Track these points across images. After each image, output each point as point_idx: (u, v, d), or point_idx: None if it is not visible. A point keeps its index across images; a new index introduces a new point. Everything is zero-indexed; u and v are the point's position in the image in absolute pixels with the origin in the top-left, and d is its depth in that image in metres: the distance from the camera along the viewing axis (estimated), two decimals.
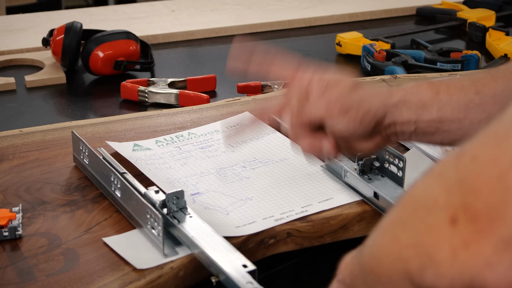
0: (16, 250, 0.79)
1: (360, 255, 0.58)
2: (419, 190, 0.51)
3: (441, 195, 0.47)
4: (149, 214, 0.78)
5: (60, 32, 1.32)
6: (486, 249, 0.44)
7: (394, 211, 0.54)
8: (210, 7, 1.71)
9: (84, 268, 0.76)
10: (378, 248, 0.53)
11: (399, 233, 0.51)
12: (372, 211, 0.87)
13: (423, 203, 0.49)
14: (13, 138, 1.02)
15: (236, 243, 0.80)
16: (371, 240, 0.55)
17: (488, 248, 0.44)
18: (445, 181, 0.48)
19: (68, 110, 1.25)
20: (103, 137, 1.02)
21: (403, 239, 0.50)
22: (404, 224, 0.51)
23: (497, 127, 0.46)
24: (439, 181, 0.49)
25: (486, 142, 0.46)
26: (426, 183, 0.50)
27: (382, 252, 0.53)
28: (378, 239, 0.54)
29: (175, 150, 0.99)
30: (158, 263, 0.76)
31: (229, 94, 1.27)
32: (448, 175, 0.48)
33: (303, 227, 0.84)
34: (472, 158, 0.46)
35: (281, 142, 1.01)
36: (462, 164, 0.47)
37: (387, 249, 0.52)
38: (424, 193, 0.50)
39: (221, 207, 0.86)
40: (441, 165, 0.50)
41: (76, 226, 0.83)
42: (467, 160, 0.47)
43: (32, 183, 0.92)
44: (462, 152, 0.48)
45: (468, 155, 0.47)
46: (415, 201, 0.51)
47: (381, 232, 0.54)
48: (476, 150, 0.47)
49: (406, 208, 0.52)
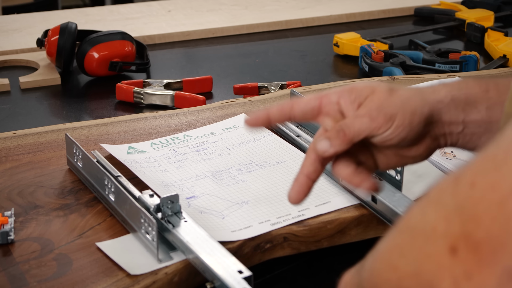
0: (8, 255, 0.78)
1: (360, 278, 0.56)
2: (416, 217, 0.49)
3: (439, 223, 0.45)
4: (143, 219, 0.77)
5: (55, 32, 1.30)
6: (490, 280, 0.42)
7: (390, 237, 0.52)
8: (206, 7, 1.70)
9: (77, 274, 0.75)
10: (377, 275, 0.52)
11: (397, 261, 0.49)
12: (369, 215, 0.86)
13: (421, 231, 0.47)
14: (6, 141, 1.01)
15: (232, 248, 0.78)
16: (369, 264, 0.54)
17: (492, 279, 0.42)
18: (443, 208, 0.46)
19: (62, 111, 1.24)
20: (97, 140, 1.01)
21: (402, 268, 0.48)
22: (401, 251, 0.49)
23: (495, 151, 0.44)
24: (437, 208, 0.46)
25: (485, 168, 0.44)
26: (423, 209, 0.48)
27: (381, 280, 0.51)
28: (376, 266, 0.52)
29: (170, 153, 0.98)
30: (153, 269, 0.75)
31: (226, 95, 1.26)
32: (446, 202, 0.46)
33: (300, 231, 0.83)
34: (470, 184, 0.44)
35: (277, 145, 0.99)
36: (461, 190, 0.45)
37: (386, 277, 0.50)
38: (421, 220, 0.48)
39: (217, 211, 0.85)
40: (438, 191, 0.48)
41: (69, 231, 0.82)
42: (466, 186, 0.44)
43: (25, 186, 0.90)
44: (460, 177, 0.46)
45: (466, 181, 0.45)
46: (412, 228, 0.49)
47: (379, 259, 0.52)
48: (474, 176, 0.44)
49: (403, 234, 0.50)
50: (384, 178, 0.88)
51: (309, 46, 1.54)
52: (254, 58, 1.47)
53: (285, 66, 1.43)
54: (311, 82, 1.26)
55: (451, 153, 0.98)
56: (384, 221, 0.84)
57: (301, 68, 1.43)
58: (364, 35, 1.47)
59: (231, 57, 1.47)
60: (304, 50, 1.51)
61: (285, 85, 1.25)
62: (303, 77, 1.35)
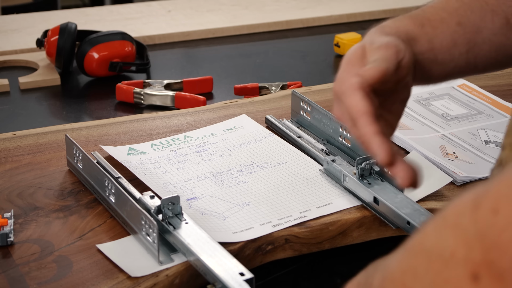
0: (7, 257, 0.77)
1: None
2: (432, 239, 0.48)
3: (459, 248, 0.44)
4: (144, 220, 0.77)
5: (55, 33, 1.30)
6: None
7: (402, 258, 0.50)
8: (206, 7, 1.70)
9: (77, 276, 0.74)
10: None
11: (411, 284, 0.48)
12: (371, 217, 0.85)
13: (438, 254, 0.46)
14: (5, 142, 1.00)
15: (233, 249, 0.78)
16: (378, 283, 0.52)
17: None
18: (463, 233, 0.45)
19: (62, 112, 1.23)
20: (97, 141, 1.01)
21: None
22: (416, 274, 0.48)
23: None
24: (455, 232, 0.45)
25: (508, 194, 0.43)
26: (439, 232, 0.47)
27: None
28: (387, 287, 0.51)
29: (171, 154, 0.97)
30: (153, 271, 0.75)
31: (226, 96, 1.26)
32: (466, 227, 0.45)
33: (302, 233, 0.82)
34: (492, 211, 0.43)
35: (279, 146, 0.99)
36: (482, 216, 0.44)
37: None
38: (438, 244, 0.46)
39: (218, 212, 0.85)
40: (455, 215, 0.47)
41: (69, 233, 0.81)
42: (487, 212, 0.43)
43: (25, 187, 0.90)
44: (480, 202, 0.44)
45: (488, 207, 0.44)
46: (428, 250, 0.47)
47: (390, 280, 0.51)
48: (497, 202, 0.43)
49: (417, 257, 0.48)
50: (386, 179, 0.87)
51: (309, 47, 1.53)
52: (254, 58, 1.46)
53: (285, 67, 1.42)
54: (312, 83, 1.25)
55: (453, 154, 0.97)
56: (386, 223, 0.84)
57: (302, 69, 1.42)
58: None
59: (232, 57, 1.47)
60: (305, 50, 1.51)
61: (286, 86, 1.25)
62: (304, 78, 1.34)
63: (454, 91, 1.16)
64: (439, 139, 1.02)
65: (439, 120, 1.07)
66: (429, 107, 1.11)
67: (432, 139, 1.01)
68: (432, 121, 1.07)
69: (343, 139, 0.96)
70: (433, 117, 1.08)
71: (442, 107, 1.11)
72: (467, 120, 1.08)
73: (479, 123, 1.07)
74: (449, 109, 1.11)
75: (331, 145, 0.98)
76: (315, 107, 1.00)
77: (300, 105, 1.03)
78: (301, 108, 1.03)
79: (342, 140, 0.96)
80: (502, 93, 1.16)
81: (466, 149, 0.99)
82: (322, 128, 1.00)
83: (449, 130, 1.04)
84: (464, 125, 1.06)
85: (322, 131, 1.00)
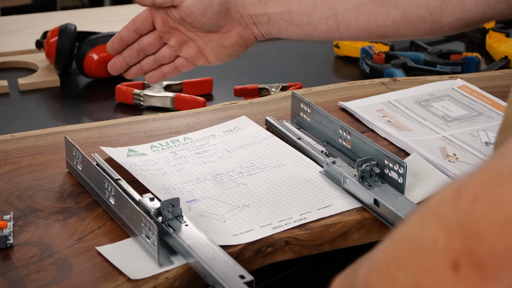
0: (7, 259, 0.77)
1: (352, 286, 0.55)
2: (415, 229, 0.48)
3: (440, 237, 0.45)
4: (143, 223, 0.76)
5: (54, 34, 1.30)
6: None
7: (386, 247, 0.51)
8: None
9: (76, 279, 0.74)
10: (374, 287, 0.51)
11: (395, 273, 0.48)
12: (372, 219, 0.85)
13: (421, 243, 0.46)
14: (5, 143, 1.00)
15: (233, 252, 0.78)
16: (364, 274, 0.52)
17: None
18: (444, 222, 0.45)
19: (62, 113, 1.23)
20: (97, 142, 1.00)
21: (400, 280, 0.47)
22: (399, 263, 0.48)
23: (498, 166, 0.43)
24: (437, 221, 0.46)
25: (488, 182, 0.43)
26: (422, 221, 0.47)
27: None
28: (373, 277, 0.51)
29: (170, 156, 0.97)
30: (153, 273, 0.74)
31: (226, 97, 1.25)
32: (447, 215, 0.45)
33: (302, 235, 0.82)
34: (473, 199, 0.43)
35: (278, 147, 0.99)
36: (462, 205, 0.44)
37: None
38: (420, 233, 0.47)
39: (218, 214, 0.84)
40: (438, 204, 0.47)
41: (68, 235, 0.81)
42: (467, 201, 0.44)
43: (24, 189, 0.90)
44: (461, 190, 0.45)
45: (468, 195, 0.44)
46: (411, 240, 0.48)
47: (375, 270, 0.51)
48: (476, 190, 0.44)
49: (401, 246, 0.49)
50: (387, 181, 0.87)
51: (309, 48, 1.53)
52: (254, 59, 1.46)
53: (285, 68, 1.42)
54: (312, 84, 1.25)
55: (454, 155, 0.97)
56: (386, 225, 0.84)
57: (301, 70, 1.42)
58: None
59: None
60: (305, 51, 1.51)
61: (286, 87, 1.25)
62: (304, 79, 1.34)
63: (455, 92, 1.16)
64: (439, 140, 1.01)
65: (439, 122, 1.07)
66: (429, 109, 1.11)
67: (432, 141, 1.01)
68: (432, 122, 1.07)
69: (343, 141, 0.96)
70: (433, 118, 1.08)
71: (442, 109, 1.11)
72: (467, 121, 1.07)
73: (479, 124, 1.06)
74: (449, 111, 1.10)
75: (331, 146, 0.98)
76: (315, 109, 1.00)
77: (300, 107, 1.03)
78: (301, 110, 1.03)
79: (342, 142, 0.96)
80: (502, 94, 1.15)
81: (466, 150, 0.99)
82: (322, 129, 0.99)
83: (450, 132, 1.04)
84: (465, 127, 1.06)
85: (322, 133, 1.00)
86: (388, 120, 1.06)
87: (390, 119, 1.06)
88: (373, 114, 1.07)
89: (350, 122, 1.07)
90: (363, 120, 1.07)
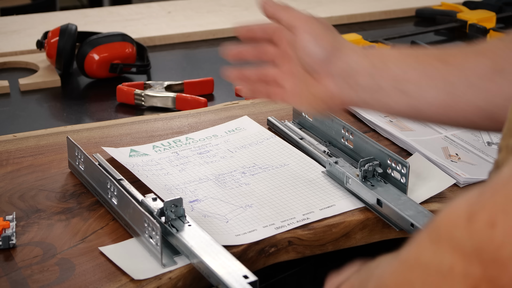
0: (9, 260, 0.77)
1: None
2: (427, 253, 0.47)
3: (457, 263, 0.44)
4: (146, 223, 0.76)
5: (55, 34, 1.29)
6: None
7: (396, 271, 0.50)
8: (206, 8, 1.69)
9: (79, 279, 0.74)
10: None
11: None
12: (375, 219, 0.85)
13: (436, 269, 0.46)
14: (6, 144, 1.00)
15: (236, 252, 0.78)
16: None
17: None
18: (459, 247, 0.44)
19: (63, 114, 1.23)
20: (99, 142, 1.00)
21: None
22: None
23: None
24: (451, 246, 0.45)
25: (504, 207, 0.42)
26: (434, 245, 0.47)
27: None
28: None
29: (172, 156, 0.97)
30: (156, 274, 0.74)
31: (227, 97, 1.25)
32: (462, 241, 0.44)
33: (305, 235, 0.82)
34: (489, 224, 0.42)
35: (281, 147, 0.98)
36: (477, 230, 0.43)
37: None
38: (434, 257, 0.46)
39: (220, 214, 0.84)
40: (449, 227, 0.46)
41: (71, 235, 0.81)
42: (483, 225, 0.43)
43: (26, 190, 0.89)
44: (474, 214, 0.44)
45: (483, 220, 0.43)
46: (425, 264, 0.47)
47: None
48: (492, 214, 0.42)
49: (414, 271, 0.48)
50: (389, 181, 0.87)
51: None
52: None
53: None
54: None
55: (456, 155, 0.97)
56: (389, 225, 0.84)
57: None
58: (365, 36, 1.46)
59: None
60: None
61: None
62: None
63: None
64: (441, 140, 1.01)
65: None
66: None
67: (435, 141, 1.01)
68: None
69: (346, 141, 0.96)
70: None
71: None
72: None
73: None
74: None
75: (334, 146, 0.98)
76: None
77: None
78: None
79: (344, 142, 0.96)
80: None
81: (468, 150, 0.99)
82: (324, 129, 0.99)
83: (452, 132, 1.04)
84: None
85: (324, 133, 1.00)
86: (390, 120, 1.06)
87: (392, 119, 1.06)
88: (375, 114, 1.07)
89: (352, 122, 1.07)
90: (365, 120, 1.07)
